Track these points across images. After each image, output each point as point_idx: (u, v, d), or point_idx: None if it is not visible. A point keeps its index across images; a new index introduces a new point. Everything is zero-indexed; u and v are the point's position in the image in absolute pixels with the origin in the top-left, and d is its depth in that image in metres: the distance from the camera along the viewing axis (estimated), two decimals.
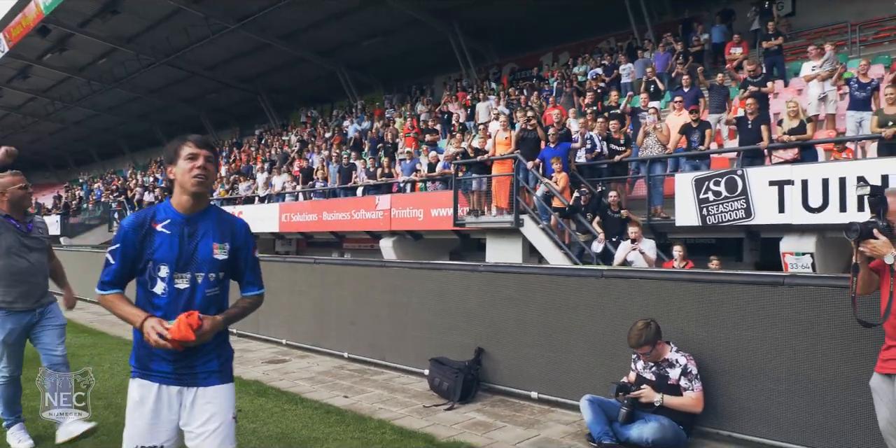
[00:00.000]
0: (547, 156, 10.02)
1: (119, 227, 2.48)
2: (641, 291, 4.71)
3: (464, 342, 6.02)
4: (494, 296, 5.79)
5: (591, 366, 4.98)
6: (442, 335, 6.26)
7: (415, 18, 21.93)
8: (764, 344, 4.02)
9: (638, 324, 4.24)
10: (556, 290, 5.28)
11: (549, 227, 9.82)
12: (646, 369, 4.30)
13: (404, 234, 14.01)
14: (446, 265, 6.66)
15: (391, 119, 21.44)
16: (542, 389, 5.32)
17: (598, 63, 17.61)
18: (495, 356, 5.74)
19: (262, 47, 25.17)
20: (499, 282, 5.79)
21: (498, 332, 5.75)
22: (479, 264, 6.15)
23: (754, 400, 4.07)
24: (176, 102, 32.56)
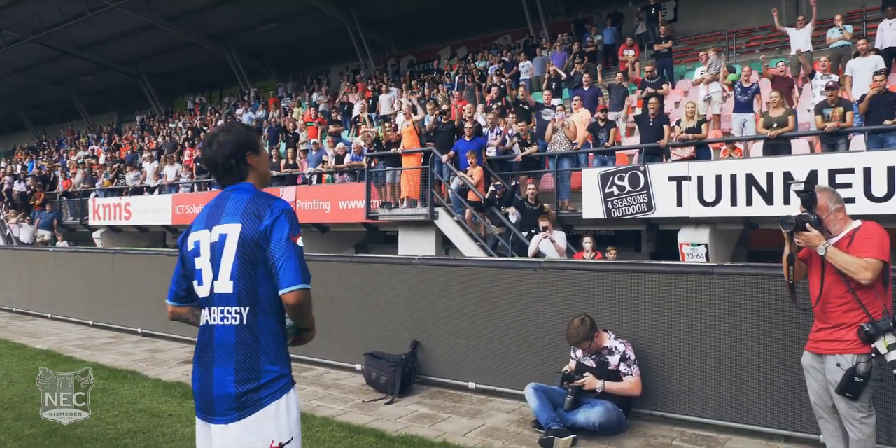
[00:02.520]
0: (462, 149, 10.19)
1: (295, 213, 2.22)
2: (577, 282, 4.95)
3: (396, 336, 6.05)
4: (428, 288, 5.86)
5: (527, 355, 5.18)
6: (372, 329, 6.25)
7: (312, 6, 21.52)
8: (694, 329, 4.38)
9: (574, 321, 4.46)
10: (491, 282, 5.44)
11: (463, 219, 10.01)
12: (586, 357, 4.54)
13: (310, 227, 13.74)
14: (374, 259, 6.64)
15: (288, 108, 20.87)
16: (479, 380, 5.47)
17: (498, 59, 18.01)
18: (430, 349, 5.83)
19: (146, 28, 23.71)
20: (432, 274, 5.87)
21: (432, 324, 5.83)
22: (412, 257, 6.20)
23: (684, 381, 4.42)
24: (44, 84, 29.97)
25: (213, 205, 2.22)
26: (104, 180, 18.89)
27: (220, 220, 2.15)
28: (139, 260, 9.00)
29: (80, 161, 22.05)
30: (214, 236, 2.14)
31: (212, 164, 2.25)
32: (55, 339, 8.47)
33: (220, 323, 2.12)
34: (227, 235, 2.11)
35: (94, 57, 26.65)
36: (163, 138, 21.85)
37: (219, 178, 2.27)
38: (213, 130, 2.34)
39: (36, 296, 10.56)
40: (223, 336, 2.11)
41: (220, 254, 2.12)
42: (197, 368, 2.17)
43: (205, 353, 2.15)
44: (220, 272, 2.12)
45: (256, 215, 2.11)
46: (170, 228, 16.66)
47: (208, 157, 2.25)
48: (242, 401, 2.05)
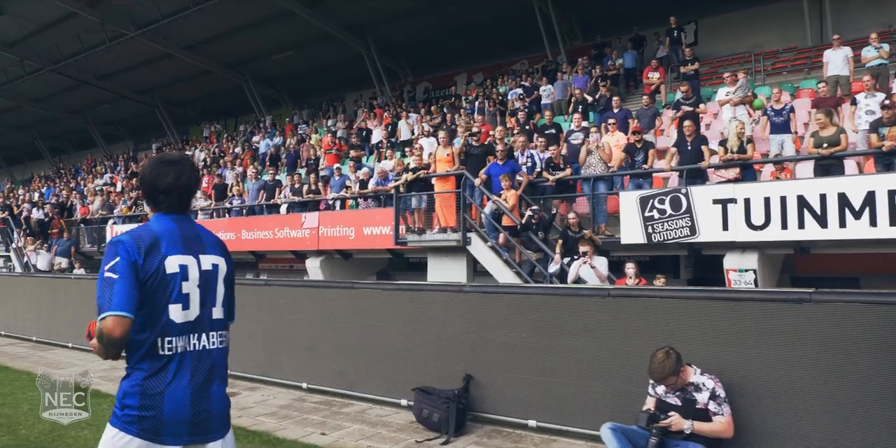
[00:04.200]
0: (495, 173, 9.92)
1: None
2: (650, 311, 4.60)
3: (447, 369, 5.69)
4: (482, 318, 5.51)
5: (596, 391, 4.80)
6: (420, 362, 5.90)
7: (328, 33, 21.57)
8: (788, 363, 4.01)
9: (658, 355, 4.09)
10: (553, 311, 5.09)
11: (497, 245, 9.69)
12: (669, 394, 4.16)
13: (333, 253, 13.45)
14: (422, 286, 6.33)
15: (305, 135, 20.77)
16: (541, 417, 5.08)
17: (518, 84, 17.90)
18: (485, 383, 5.45)
19: (163, 57, 23.87)
20: (487, 302, 5.53)
21: (486, 356, 5.47)
22: (464, 285, 5.87)
23: (778, 421, 4.03)
24: (63, 113, 30.13)
25: (181, 231, 2.28)
26: (122, 207, 18.71)
27: (205, 251, 2.30)
28: None
29: (98, 189, 21.95)
30: (206, 265, 2.27)
31: (186, 190, 2.32)
32: (78, 370, 8.10)
33: (220, 346, 2.30)
34: (218, 266, 2.31)
35: (111, 86, 26.82)
36: None
37: (177, 206, 2.32)
38: (173, 158, 2.38)
39: (56, 325, 10.25)
40: (220, 358, 2.30)
41: (214, 282, 2.29)
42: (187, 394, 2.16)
43: (202, 375, 2.21)
44: (217, 299, 2.30)
45: (226, 252, 2.41)
46: None
47: (185, 185, 2.31)
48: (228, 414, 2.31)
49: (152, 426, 2.10)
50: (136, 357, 2.15)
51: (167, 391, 2.12)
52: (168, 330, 2.15)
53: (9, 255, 19.53)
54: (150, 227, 2.26)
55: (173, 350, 2.16)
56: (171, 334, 2.16)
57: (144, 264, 2.13)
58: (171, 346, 2.15)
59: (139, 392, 2.11)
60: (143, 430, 2.09)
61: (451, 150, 10.68)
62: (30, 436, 5.14)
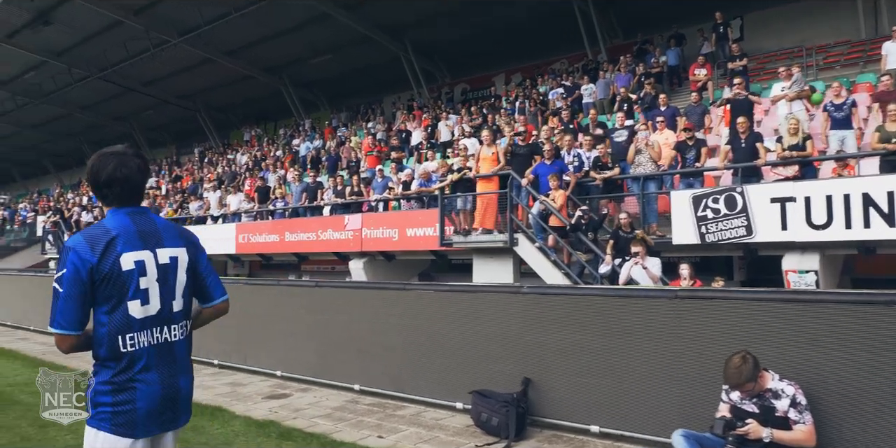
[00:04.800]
0: (542, 173, 9.77)
1: None
2: (719, 313, 4.42)
3: (504, 371, 5.58)
4: (540, 320, 5.39)
5: (663, 396, 4.63)
6: (475, 364, 5.79)
7: (365, 36, 21.63)
8: (877, 368, 3.79)
9: (734, 360, 3.89)
10: (616, 313, 4.94)
11: (546, 246, 9.54)
12: (745, 401, 3.98)
13: (376, 255, 13.45)
14: (480, 287, 6.23)
15: (345, 137, 20.88)
16: (604, 423, 4.92)
17: (559, 83, 17.70)
18: (544, 387, 5.33)
19: (204, 63, 24.23)
20: (544, 304, 5.40)
21: (546, 359, 5.34)
22: (521, 286, 5.75)
23: (867, 430, 3.82)
24: (108, 119, 30.88)
25: (136, 227, 2.27)
26: (168, 210, 19.06)
27: (162, 244, 2.31)
28: None
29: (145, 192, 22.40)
30: (164, 258, 2.29)
31: (128, 181, 2.29)
32: None
33: (181, 338, 2.34)
34: (177, 258, 2.33)
35: (155, 92, 27.36)
36: (222, 168, 22.07)
37: (127, 199, 2.31)
38: (117, 150, 2.34)
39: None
40: (183, 349, 2.35)
41: (174, 275, 2.31)
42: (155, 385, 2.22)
43: (169, 367, 2.26)
44: (176, 292, 2.32)
45: (189, 241, 2.42)
46: (233, 257, 16.61)
47: (127, 176, 2.28)
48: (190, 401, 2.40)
49: (126, 421, 2.15)
50: (101, 354, 2.19)
51: (137, 386, 2.18)
52: (129, 326, 2.19)
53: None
54: (104, 225, 2.26)
55: (136, 345, 2.19)
56: (132, 330, 2.19)
57: (99, 265, 2.15)
58: (134, 342, 2.19)
59: (110, 389, 2.16)
60: (116, 425, 2.15)
61: (496, 149, 10.56)
62: None
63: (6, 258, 23.15)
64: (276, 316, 7.71)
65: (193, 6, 20.25)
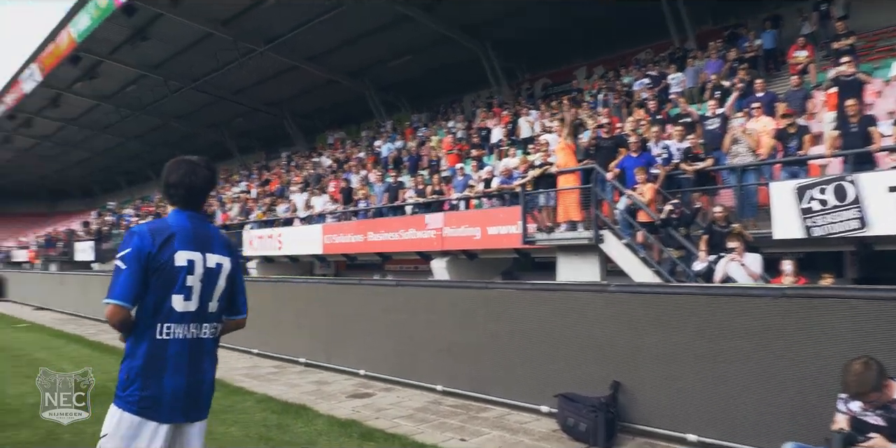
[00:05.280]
0: (629, 166, 9.35)
1: None
2: (835, 314, 3.97)
3: (591, 374, 5.29)
4: (630, 320, 5.06)
5: (771, 405, 4.23)
6: (561, 366, 5.54)
7: (445, 36, 21.60)
8: None
9: (854, 366, 3.45)
10: (714, 314, 4.56)
11: (634, 242, 9.10)
12: (867, 412, 3.54)
13: (458, 254, 13.33)
14: (564, 286, 5.97)
15: (425, 137, 20.92)
16: (703, 432, 4.56)
17: (644, 74, 17.01)
18: (635, 391, 5.01)
19: (289, 70, 24.91)
20: (635, 303, 5.07)
21: (637, 362, 5.02)
22: (608, 284, 5.44)
23: None
24: (201, 128, 32.37)
25: (194, 229, 2.48)
26: (257, 213, 19.70)
27: (212, 249, 2.50)
28: (300, 288, 8.89)
29: (235, 196, 23.30)
30: (211, 263, 2.47)
31: (193, 187, 2.51)
32: (224, 367, 8.37)
33: (211, 336, 2.51)
34: (222, 265, 2.51)
35: (244, 100, 28.41)
36: (308, 171, 22.63)
37: (189, 202, 2.52)
38: (192, 159, 2.58)
39: None
40: (211, 347, 2.53)
41: (216, 279, 2.49)
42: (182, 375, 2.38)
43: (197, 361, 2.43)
44: (214, 295, 2.49)
45: (234, 252, 2.61)
46: (319, 258, 16.94)
47: (192, 183, 2.50)
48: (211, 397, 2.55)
49: (151, 405, 2.31)
50: (138, 338, 2.37)
51: (165, 374, 2.34)
52: (169, 317, 2.37)
53: None
54: (166, 222, 2.47)
55: (171, 335, 2.37)
56: (170, 321, 2.37)
57: (157, 255, 2.35)
58: (170, 332, 2.37)
59: (141, 373, 2.33)
60: (142, 408, 2.30)
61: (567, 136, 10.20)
62: None
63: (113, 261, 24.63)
64: (358, 315, 7.71)
65: (277, 14, 20.82)
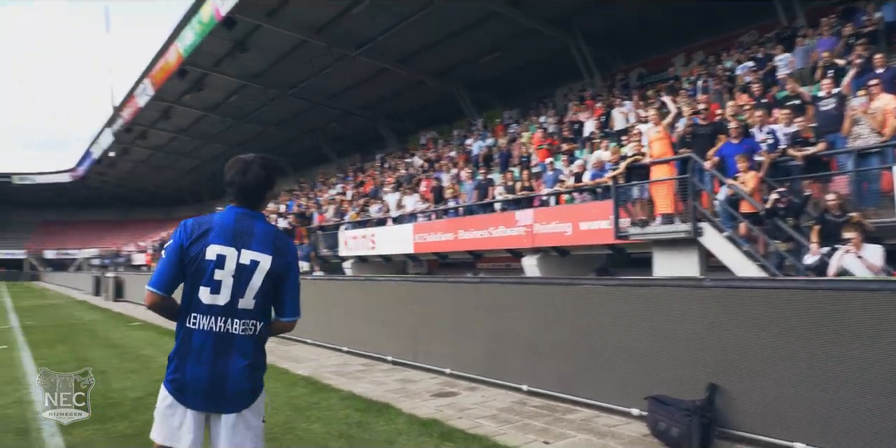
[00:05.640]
0: (729, 153, 8.72)
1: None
2: None
3: (685, 376, 4.90)
4: (729, 317, 4.64)
5: (893, 411, 3.72)
6: (652, 367, 5.17)
7: (533, 29, 21.25)
8: None
9: None
10: (825, 310, 4.08)
11: (736, 235, 8.47)
12: None
13: (549, 251, 12.99)
14: (655, 281, 5.59)
15: (516, 133, 20.64)
16: (812, 440, 4.08)
17: (748, 56, 15.94)
18: (735, 394, 4.58)
19: (380, 72, 25.34)
20: (735, 300, 4.64)
21: (736, 363, 4.59)
22: (702, 279, 5.02)
23: None
24: (299, 133, 33.58)
25: (235, 225, 2.53)
26: (352, 214, 20.13)
27: (250, 246, 2.50)
28: (387, 287, 8.90)
29: (331, 198, 23.96)
30: (245, 259, 2.48)
31: (246, 189, 2.57)
32: (314, 364, 8.62)
33: (243, 332, 2.49)
34: (259, 263, 2.49)
35: (338, 104, 29.20)
36: (400, 172, 22.91)
37: (242, 199, 2.59)
38: (247, 158, 2.62)
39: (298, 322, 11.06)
40: (244, 344, 2.49)
41: (249, 276, 2.48)
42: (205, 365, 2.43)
43: (223, 355, 2.45)
44: (247, 292, 2.48)
45: (281, 251, 2.56)
46: (411, 257, 17.06)
47: (244, 182, 2.56)
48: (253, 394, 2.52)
49: (178, 387, 2.44)
50: (178, 324, 2.52)
51: (189, 360, 2.45)
52: (196, 307, 2.46)
53: None
54: (212, 216, 2.57)
55: (198, 326, 2.46)
56: (198, 312, 2.46)
57: (189, 248, 2.47)
58: (196, 322, 2.46)
59: (173, 356, 2.49)
60: (174, 389, 2.45)
61: (662, 128, 9.64)
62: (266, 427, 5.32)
63: None
64: (442, 313, 7.60)
65: (367, 19, 21.20)
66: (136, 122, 32.17)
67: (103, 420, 5.51)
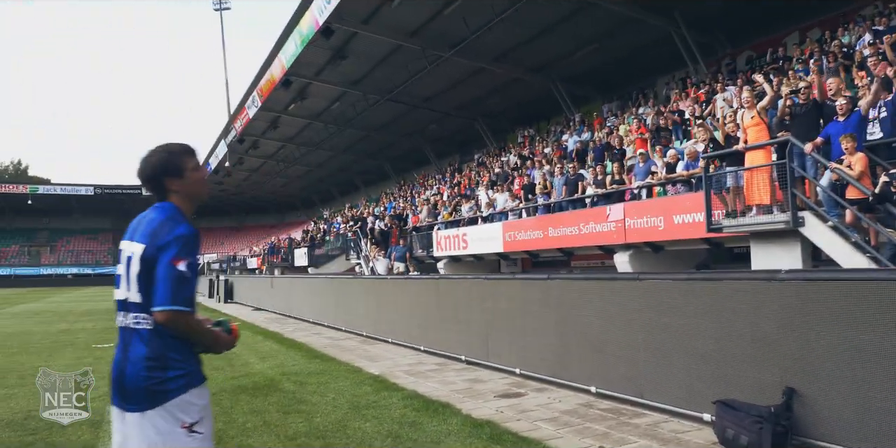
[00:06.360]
0: (834, 133, 7.84)
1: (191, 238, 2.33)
2: None
3: (759, 378, 4.39)
4: (808, 314, 4.10)
5: None
6: (725, 369, 4.68)
7: (631, 17, 20.35)
8: None
9: None
10: None
11: (842, 224, 7.59)
12: None
13: (642, 247, 12.33)
14: (724, 276, 5.08)
15: (614, 127, 19.86)
16: None
17: (869, 28, 14.41)
18: (816, 400, 4.03)
19: (476, 72, 25.24)
20: (816, 295, 4.09)
21: (817, 365, 4.04)
22: (778, 271, 4.47)
23: None
24: (399, 137, 34.17)
25: (138, 218, 2.47)
26: (444, 214, 20.16)
27: (135, 237, 2.39)
28: (460, 285, 8.75)
29: (426, 199, 24.15)
30: (128, 251, 2.38)
31: (143, 180, 2.48)
32: (389, 363, 8.61)
33: (134, 326, 2.33)
34: (133, 252, 2.36)
35: (436, 106, 29.41)
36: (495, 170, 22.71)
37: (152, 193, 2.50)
38: (153, 149, 2.49)
39: (380, 322, 11.18)
40: (138, 340, 2.32)
41: (127, 266, 2.37)
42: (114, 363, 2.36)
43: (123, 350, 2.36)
44: (131, 284, 2.34)
45: (155, 238, 2.33)
46: (502, 255, 16.81)
47: (139, 175, 2.47)
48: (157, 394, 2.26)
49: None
50: None
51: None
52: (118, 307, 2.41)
53: (360, 261, 22.61)
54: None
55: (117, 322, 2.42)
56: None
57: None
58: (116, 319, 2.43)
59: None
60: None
61: (757, 114, 8.83)
62: (321, 424, 5.34)
63: (325, 265, 26.90)
64: (513, 311, 7.34)
65: (459, 18, 21.19)
66: (247, 133, 33.96)
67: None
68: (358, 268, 23.06)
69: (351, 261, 24.47)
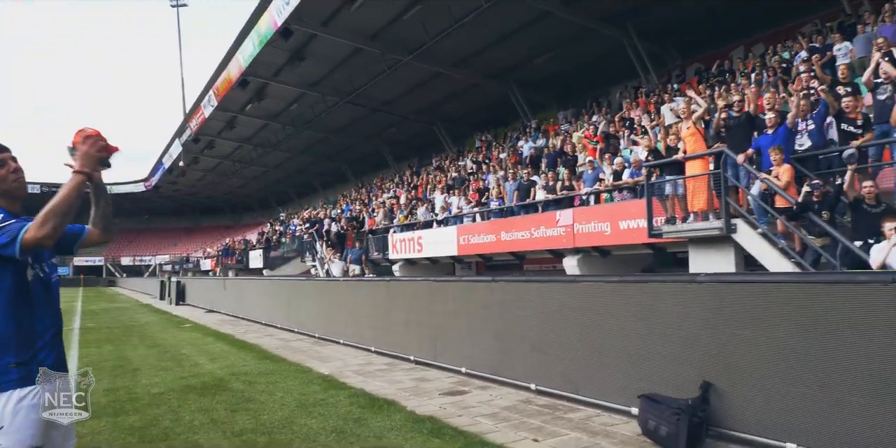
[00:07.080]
0: (764, 145, 8.31)
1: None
2: None
3: (680, 374, 4.71)
4: (723, 314, 4.43)
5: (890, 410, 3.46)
6: (650, 365, 4.99)
7: (586, 27, 20.89)
8: None
9: None
10: (819, 305, 3.84)
11: (770, 231, 8.06)
12: None
13: (590, 251, 12.73)
14: (651, 278, 5.40)
15: (567, 133, 20.34)
16: (806, 441, 3.85)
17: (805, 46, 15.17)
18: (729, 393, 4.36)
19: (435, 77, 25.48)
20: (730, 296, 4.42)
21: (730, 361, 4.37)
22: (697, 274, 4.81)
23: None
24: (358, 140, 34.18)
25: None
26: (400, 217, 20.32)
27: None
28: (410, 287, 8.95)
29: (382, 201, 24.28)
30: None
31: None
32: (339, 363, 8.74)
33: None
34: None
35: (395, 110, 29.56)
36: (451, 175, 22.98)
37: None
38: None
39: (332, 323, 11.28)
40: None
41: None
42: None
43: None
44: None
45: None
46: (456, 259, 17.06)
47: None
48: None
49: None
50: None
51: None
52: None
53: (315, 264, 22.60)
54: None
55: None
56: None
57: None
58: None
59: None
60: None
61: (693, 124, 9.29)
62: (268, 421, 5.47)
63: (281, 267, 26.78)
64: (461, 312, 7.57)
65: (418, 23, 21.39)
66: (203, 133, 33.52)
67: (117, 413, 5.79)
68: (313, 270, 23.03)
69: (307, 263, 24.42)
